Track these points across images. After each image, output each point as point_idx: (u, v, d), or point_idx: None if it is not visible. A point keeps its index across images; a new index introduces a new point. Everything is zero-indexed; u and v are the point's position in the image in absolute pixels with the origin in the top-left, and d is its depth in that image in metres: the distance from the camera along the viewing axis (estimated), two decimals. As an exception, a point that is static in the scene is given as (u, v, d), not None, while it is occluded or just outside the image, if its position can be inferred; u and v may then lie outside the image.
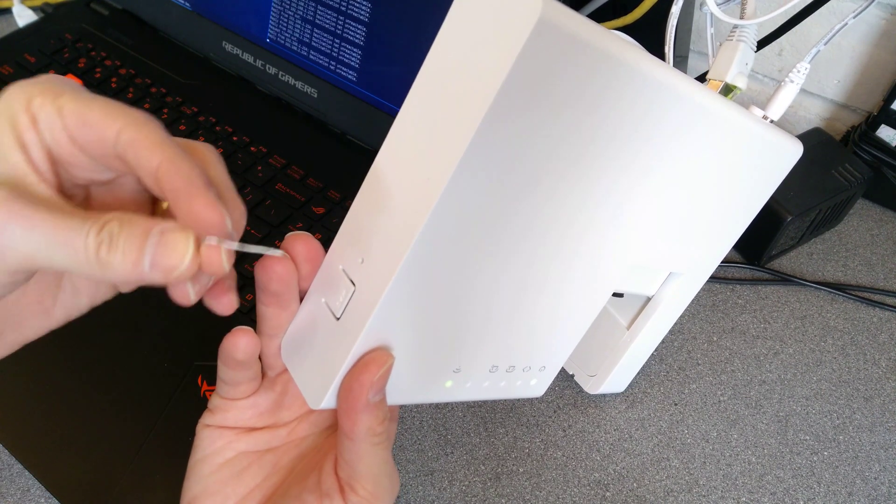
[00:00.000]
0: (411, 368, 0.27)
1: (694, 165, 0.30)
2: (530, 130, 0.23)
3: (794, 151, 0.35)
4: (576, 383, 0.45)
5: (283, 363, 0.29)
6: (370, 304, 0.24)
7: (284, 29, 0.54)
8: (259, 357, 0.30)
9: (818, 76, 0.63)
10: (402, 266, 0.23)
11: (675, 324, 0.50)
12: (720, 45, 0.38)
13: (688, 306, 0.50)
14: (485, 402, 0.45)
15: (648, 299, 0.40)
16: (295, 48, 0.54)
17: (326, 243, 0.26)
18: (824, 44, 0.37)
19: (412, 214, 0.23)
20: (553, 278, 0.29)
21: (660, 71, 0.25)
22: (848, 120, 0.64)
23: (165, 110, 0.56)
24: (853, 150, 0.59)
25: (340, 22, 0.51)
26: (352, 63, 0.52)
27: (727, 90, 0.37)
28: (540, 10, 0.20)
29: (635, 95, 0.25)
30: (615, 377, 0.43)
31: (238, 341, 0.28)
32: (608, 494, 0.42)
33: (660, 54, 0.30)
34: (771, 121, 0.36)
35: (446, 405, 0.44)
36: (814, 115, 0.65)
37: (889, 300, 0.53)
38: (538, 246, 0.27)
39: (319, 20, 0.52)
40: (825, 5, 0.43)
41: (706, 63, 0.39)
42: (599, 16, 0.59)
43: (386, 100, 0.52)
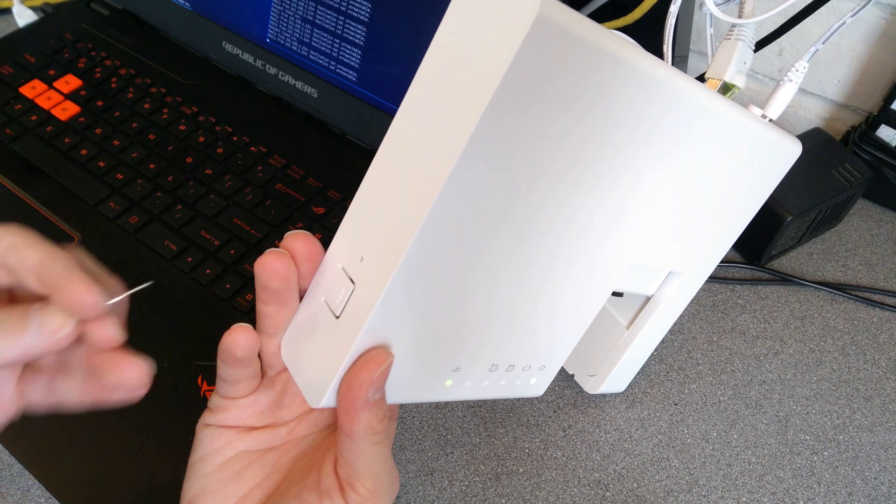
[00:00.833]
0: (411, 367, 0.27)
1: (693, 164, 0.30)
2: (529, 128, 0.23)
3: (794, 150, 0.35)
4: (576, 383, 0.45)
5: (283, 362, 0.29)
6: (369, 303, 0.24)
7: (284, 29, 0.54)
8: (259, 356, 0.30)
9: (818, 76, 0.63)
10: (402, 264, 0.23)
11: (675, 324, 0.50)
12: (719, 45, 0.38)
13: (688, 306, 0.50)
14: (485, 402, 0.45)
15: (648, 299, 0.40)
16: (295, 48, 0.54)
17: (326, 243, 0.26)
18: (822, 43, 0.37)
19: (411, 212, 0.23)
20: (553, 276, 0.29)
21: (658, 69, 0.25)
22: (848, 120, 0.64)
23: (165, 110, 0.56)
24: (853, 150, 0.59)
25: (340, 22, 0.51)
26: (352, 63, 0.52)
27: (726, 89, 0.38)
28: (538, 8, 0.20)
29: (633, 94, 0.25)
30: (615, 377, 0.43)
31: (237, 338, 0.28)
32: (608, 494, 0.42)
33: (660, 54, 0.30)
34: (770, 120, 0.36)
35: (446, 405, 0.44)
36: (814, 115, 0.65)
37: (889, 300, 0.53)
38: (538, 244, 0.27)
39: (319, 20, 0.52)
40: (825, 5, 0.43)
41: (706, 63, 0.39)
42: (599, 16, 0.59)
43: (386, 100, 0.52)
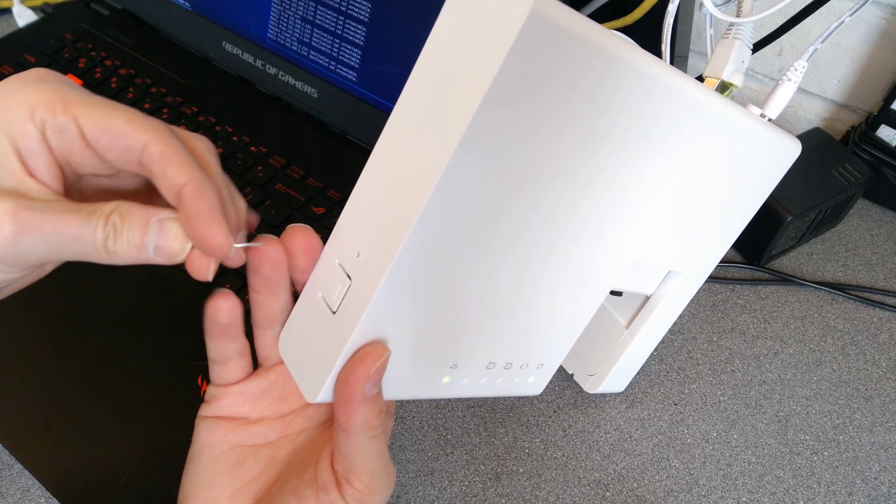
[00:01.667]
0: (408, 363, 0.27)
1: (691, 162, 0.30)
2: (524, 124, 0.23)
3: (793, 150, 0.35)
4: (576, 383, 0.45)
5: (280, 356, 0.29)
6: (366, 298, 0.24)
7: (284, 29, 0.54)
8: (255, 349, 0.30)
9: (818, 76, 0.63)
10: (397, 259, 0.23)
11: (675, 324, 0.50)
12: (717, 44, 0.38)
13: (688, 306, 0.50)
14: (485, 402, 0.45)
15: (647, 298, 0.40)
16: (295, 48, 0.54)
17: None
18: (821, 42, 0.37)
19: (407, 207, 0.23)
20: (550, 274, 0.29)
21: (653, 66, 0.25)
22: (848, 120, 0.64)
23: (165, 110, 0.56)
24: (853, 150, 0.59)
25: (340, 22, 0.51)
26: (352, 63, 0.52)
27: (723, 87, 0.38)
28: (532, 4, 0.20)
29: (629, 91, 0.25)
30: (614, 377, 0.43)
31: (220, 303, 0.28)
32: (608, 494, 0.42)
33: (660, 54, 0.30)
34: (769, 119, 0.36)
35: (446, 405, 0.44)
36: (814, 115, 0.65)
37: (889, 300, 0.53)
38: (535, 241, 0.27)
39: (319, 20, 0.52)
40: (825, 5, 0.43)
41: (706, 63, 0.39)
42: (600, 16, 0.59)
43: (386, 100, 0.52)
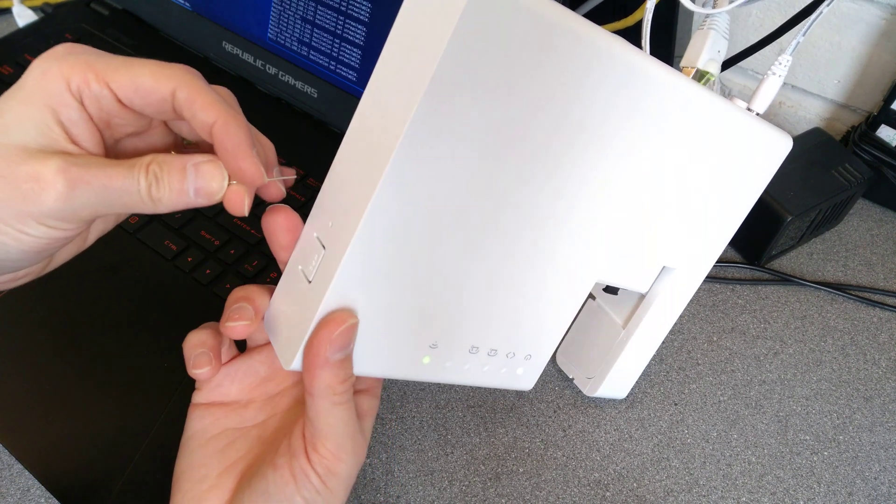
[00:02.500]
0: (384, 337, 0.28)
1: (673, 152, 0.30)
2: (482, 100, 0.24)
3: (783, 144, 0.35)
4: (575, 385, 0.45)
5: (264, 338, 0.30)
6: (335, 264, 0.25)
7: (284, 29, 0.54)
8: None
9: (818, 76, 0.63)
10: (363, 224, 0.24)
11: (675, 324, 0.50)
12: (693, 35, 0.39)
13: (687, 306, 0.50)
14: (485, 402, 0.45)
15: (643, 296, 0.40)
16: (295, 48, 0.54)
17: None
18: (803, 35, 0.37)
19: (372, 175, 0.24)
20: (532, 259, 0.30)
21: (617, 46, 0.26)
22: (848, 120, 0.64)
23: (165, 110, 0.56)
24: (853, 150, 0.59)
25: (340, 22, 0.51)
26: (352, 63, 0.52)
27: (700, 76, 0.38)
28: None
29: (600, 71, 0.25)
30: (614, 379, 0.43)
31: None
32: (608, 494, 0.42)
33: (662, 55, 0.30)
34: (757, 113, 0.36)
35: (446, 405, 0.44)
36: (814, 115, 0.65)
37: (889, 300, 0.53)
38: (513, 226, 0.28)
39: (319, 20, 0.52)
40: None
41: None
42: (600, 17, 0.59)
43: (386, 100, 0.52)
